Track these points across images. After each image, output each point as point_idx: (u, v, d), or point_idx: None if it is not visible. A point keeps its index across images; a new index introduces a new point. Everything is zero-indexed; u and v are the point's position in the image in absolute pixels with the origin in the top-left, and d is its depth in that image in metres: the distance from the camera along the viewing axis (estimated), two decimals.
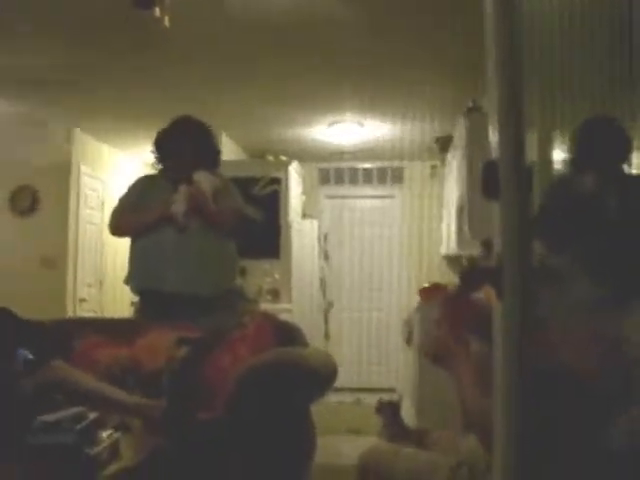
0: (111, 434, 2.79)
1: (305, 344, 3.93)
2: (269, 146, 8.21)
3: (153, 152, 4.59)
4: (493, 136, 1.48)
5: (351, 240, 9.15)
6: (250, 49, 5.32)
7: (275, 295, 7.13)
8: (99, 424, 2.81)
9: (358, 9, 4.64)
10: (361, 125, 7.40)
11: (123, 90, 6.28)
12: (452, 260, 7.74)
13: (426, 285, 6.17)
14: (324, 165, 9.12)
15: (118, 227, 4.53)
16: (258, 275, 7.08)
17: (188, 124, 4.53)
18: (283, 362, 3.29)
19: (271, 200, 7.46)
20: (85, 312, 7.69)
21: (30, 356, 3.63)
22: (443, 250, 7.97)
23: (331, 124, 7.41)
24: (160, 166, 4.62)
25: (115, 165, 8.58)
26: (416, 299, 7.73)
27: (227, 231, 4.53)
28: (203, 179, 4.41)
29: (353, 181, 9.21)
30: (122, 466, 2.67)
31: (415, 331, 5.86)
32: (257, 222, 6.68)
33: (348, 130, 7.54)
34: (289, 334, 3.82)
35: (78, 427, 2.70)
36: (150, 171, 4.87)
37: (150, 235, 4.39)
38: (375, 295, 9.14)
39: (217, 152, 4.64)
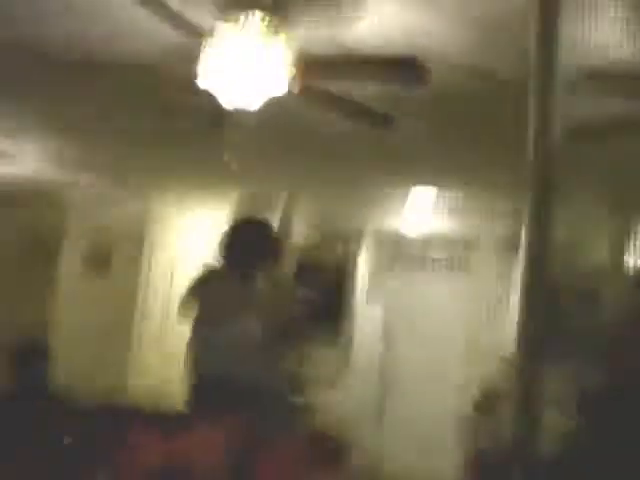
0: None
1: (343, 461, 3.88)
2: (340, 229, 8.21)
3: (218, 249, 4.69)
4: None
5: (414, 329, 9.01)
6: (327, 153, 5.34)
7: (332, 384, 7.04)
8: None
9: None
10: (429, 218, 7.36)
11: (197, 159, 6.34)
12: None
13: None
14: (392, 251, 9.05)
15: (186, 316, 4.57)
16: (317, 362, 7.00)
17: (251, 226, 4.65)
18: None
19: (336, 286, 7.47)
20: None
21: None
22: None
23: (402, 217, 7.38)
24: (224, 261, 4.69)
25: (186, 229, 8.62)
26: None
27: (288, 334, 4.56)
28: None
29: (421, 269, 9.11)
30: None
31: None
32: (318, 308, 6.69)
33: (418, 222, 7.50)
34: (329, 454, 3.76)
35: None
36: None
37: (214, 329, 4.43)
38: (433, 389, 8.95)
39: (277, 251, 4.71)
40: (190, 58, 2.82)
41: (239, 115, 2.96)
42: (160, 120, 4.65)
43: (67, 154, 6.20)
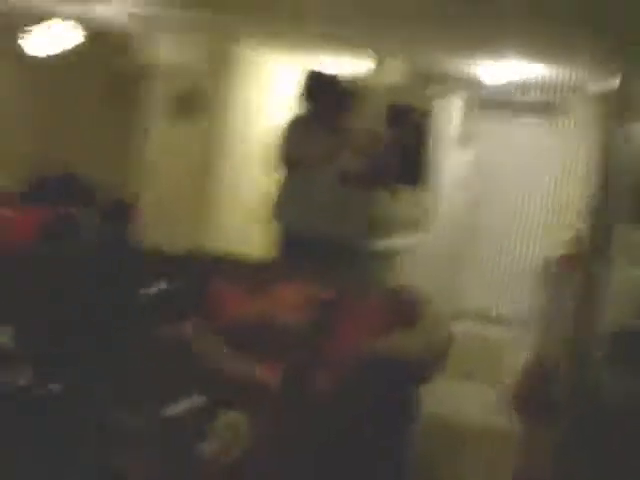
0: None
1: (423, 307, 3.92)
2: (431, 71, 8.00)
3: (302, 95, 4.65)
4: None
5: (504, 171, 8.89)
6: None
7: (417, 225, 7.08)
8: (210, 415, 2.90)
9: None
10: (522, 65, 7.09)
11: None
12: None
13: (564, 253, 5.98)
14: (482, 94, 8.81)
15: (289, 157, 4.60)
16: (404, 202, 7.02)
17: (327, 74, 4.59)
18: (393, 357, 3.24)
19: (425, 129, 7.39)
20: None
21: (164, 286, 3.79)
22: None
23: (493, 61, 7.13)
24: (310, 108, 4.67)
25: (272, 74, 8.53)
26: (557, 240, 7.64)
27: (380, 179, 4.57)
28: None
29: (513, 111, 8.88)
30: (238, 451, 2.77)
31: (548, 295, 5.77)
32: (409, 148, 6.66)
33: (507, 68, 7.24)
34: (408, 306, 3.80)
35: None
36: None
37: (306, 174, 4.47)
38: (521, 229, 8.92)
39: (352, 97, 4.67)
40: None
41: None
42: None
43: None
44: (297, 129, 4.65)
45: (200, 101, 7.49)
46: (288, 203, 4.60)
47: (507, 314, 8.58)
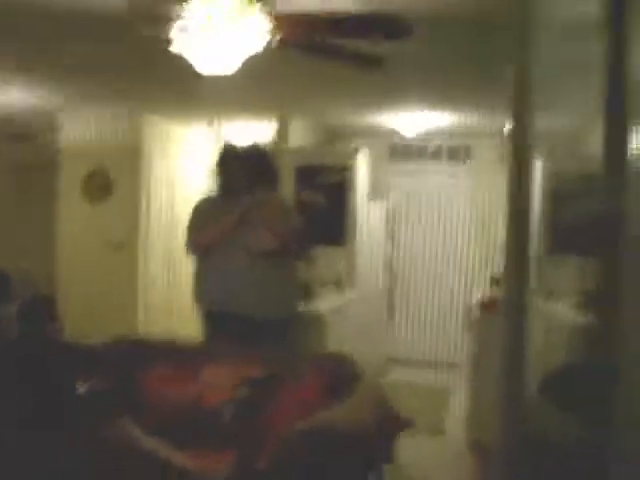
0: None
1: (358, 376, 3.92)
2: (338, 127, 8.13)
3: (212, 173, 4.67)
4: None
5: (419, 219, 9.05)
6: None
7: (340, 285, 7.11)
8: None
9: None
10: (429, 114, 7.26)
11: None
12: None
13: (485, 298, 6.09)
14: (394, 143, 8.98)
15: (194, 242, 4.58)
16: (323, 264, 7.04)
17: (240, 150, 4.61)
18: (327, 431, 3.22)
19: (338, 186, 7.44)
20: (156, 291, 7.81)
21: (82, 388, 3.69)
22: None
23: (399, 113, 7.28)
24: (219, 187, 4.68)
25: (184, 141, 8.54)
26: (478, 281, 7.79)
27: (292, 252, 4.58)
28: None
29: (422, 157, 9.07)
30: None
31: (474, 339, 5.86)
32: (321, 208, 6.72)
33: (415, 118, 7.41)
34: (342, 379, 3.80)
35: None
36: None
37: (217, 255, 4.46)
38: (440, 274, 9.07)
39: (274, 174, 4.68)
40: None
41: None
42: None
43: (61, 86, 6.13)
44: (204, 210, 4.64)
45: (105, 181, 7.47)
46: (205, 284, 4.57)
47: (439, 360, 8.72)
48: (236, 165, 4.58)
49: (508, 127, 2.42)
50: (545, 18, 2.10)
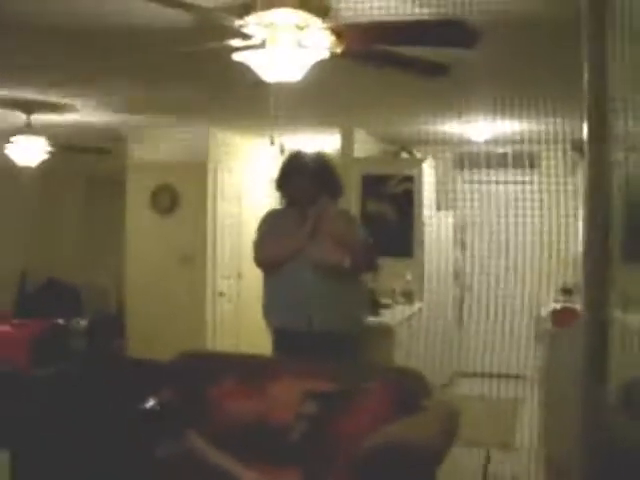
0: None
1: (428, 390, 3.83)
2: (404, 138, 8.04)
3: (277, 189, 4.61)
4: None
5: (488, 228, 8.88)
6: None
7: (408, 296, 7.02)
8: None
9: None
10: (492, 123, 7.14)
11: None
12: None
13: (558, 307, 5.94)
14: (459, 151, 8.86)
15: (264, 257, 4.53)
16: (391, 276, 6.96)
17: (304, 160, 4.53)
18: (397, 447, 3.15)
19: (404, 197, 7.37)
20: (224, 304, 7.83)
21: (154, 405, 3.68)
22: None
23: (465, 121, 7.17)
24: (285, 200, 4.62)
25: (249, 155, 8.58)
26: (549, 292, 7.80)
27: (360, 266, 4.49)
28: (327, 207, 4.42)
29: (488, 166, 8.91)
30: None
31: (544, 354, 5.72)
32: (388, 219, 6.63)
33: (483, 125, 7.29)
34: (411, 394, 3.72)
35: None
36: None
37: (286, 270, 4.40)
38: (510, 285, 8.88)
39: (338, 183, 4.61)
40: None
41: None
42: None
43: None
44: (271, 223, 4.60)
45: (172, 196, 7.54)
46: (274, 299, 4.52)
47: (509, 372, 8.52)
48: (299, 176, 4.52)
49: (581, 133, 2.32)
50: (621, 19, 2.01)
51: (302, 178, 4.49)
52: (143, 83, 5.58)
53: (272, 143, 6.99)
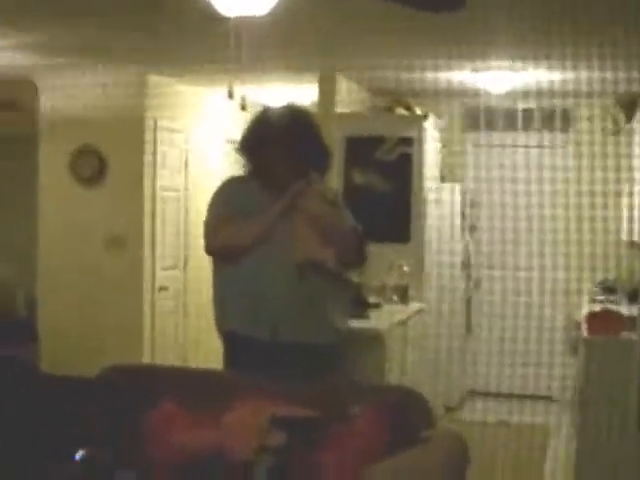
0: None
1: (430, 422, 3.82)
2: (400, 88, 8.02)
3: (238, 151, 4.52)
4: None
5: (504, 205, 8.90)
6: None
7: (403, 293, 7.00)
8: None
9: None
10: (516, 72, 7.15)
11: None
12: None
13: (595, 310, 5.97)
14: (471, 106, 8.86)
15: (217, 243, 4.43)
16: (381, 267, 6.92)
17: (285, 119, 4.44)
18: None
19: (400, 165, 7.36)
20: (166, 302, 7.80)
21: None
22: (625, 235, 7.69)
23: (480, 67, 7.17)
24: (249, 168, 4.53)
25: (198, 110, 8.51)
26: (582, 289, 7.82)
27: (346, 262, 4.44)
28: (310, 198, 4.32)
29: (508, 127, 8.93)
30: None
31: (579, 369, 5.76)
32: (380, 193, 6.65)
33: (501, 74, 7.30)
34: (408, 423, 3.71)
35: None
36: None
37: (247, 262, 4.33)
38: (532, 280, 8.92)
39: (325, 151, 4.54)
40: None
41: None
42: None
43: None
44: (229, 200, 4.49)
45: (97, 161, 7.51)
46: (227, 302, 4.44)
47: (534, 393, 8.56)
48: (273, 142, 4.42)
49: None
50: None
51: (275, 145, 4.39)
52: (61, 17, 5.52)
53: (230, 95, 6.90)
